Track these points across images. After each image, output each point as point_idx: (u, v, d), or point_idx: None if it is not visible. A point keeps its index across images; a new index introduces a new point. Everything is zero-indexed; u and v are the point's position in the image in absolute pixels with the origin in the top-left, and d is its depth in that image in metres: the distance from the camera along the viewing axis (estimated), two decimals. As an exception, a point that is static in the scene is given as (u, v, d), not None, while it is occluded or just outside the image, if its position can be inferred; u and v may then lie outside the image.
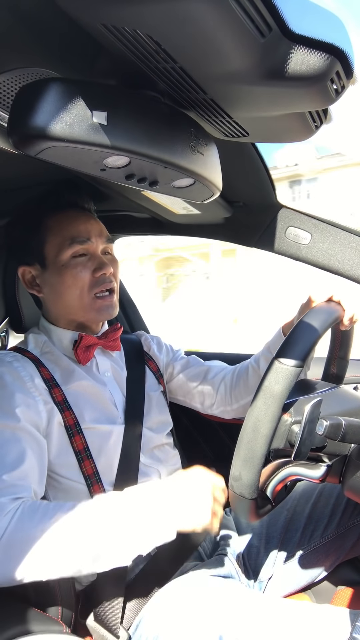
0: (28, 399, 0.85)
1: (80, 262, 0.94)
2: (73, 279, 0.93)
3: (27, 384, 0.87)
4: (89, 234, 0.95)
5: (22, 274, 0.99)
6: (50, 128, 0.48)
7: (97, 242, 0.97)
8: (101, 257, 0.97)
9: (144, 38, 0.47)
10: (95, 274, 0.95)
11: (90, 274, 0.95)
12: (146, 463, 0.99)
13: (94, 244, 0.96)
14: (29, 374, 0.89)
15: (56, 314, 0.99)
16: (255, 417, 0.63)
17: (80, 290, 0.94)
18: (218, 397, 1.14)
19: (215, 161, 0.67)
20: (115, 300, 0.99)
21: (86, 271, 0.94)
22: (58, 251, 0.93)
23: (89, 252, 0.96)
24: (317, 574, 1.01)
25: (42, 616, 0.77)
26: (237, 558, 1.01)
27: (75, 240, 0.93)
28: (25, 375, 0.88)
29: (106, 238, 0.99)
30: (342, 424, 0.62)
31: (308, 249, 1.07)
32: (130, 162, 0.57)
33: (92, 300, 0.95)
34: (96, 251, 0.97)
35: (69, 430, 0.88)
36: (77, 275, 0.93)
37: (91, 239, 0.95)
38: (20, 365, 0.89)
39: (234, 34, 0.45)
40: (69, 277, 0.93)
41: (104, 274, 0.95)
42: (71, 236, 0.94)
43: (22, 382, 0.87)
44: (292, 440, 0.65)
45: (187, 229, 1.29)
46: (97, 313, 0.97)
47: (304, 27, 0.47)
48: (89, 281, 0.94)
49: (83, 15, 0.46)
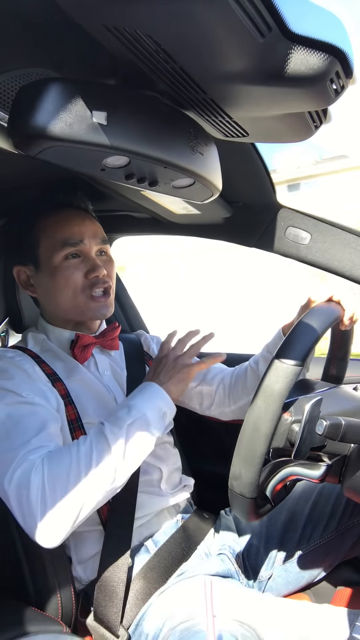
0: (37, 384, 0.86)
1: (72, 264, 0.94)
2: (65, 281, 0.93)
3: (31, 376, 0.88)
4: (82, 236, 0.95)
5: (17, 274, 1.00)
6: (50, 128, 0.48)
7: (91, 244, 0.96)
8: (94, 258, 0.96)
9: (144, 38, 0.47)
10: (88, 275, 0.94)
11: (83, 275, 0.94)
12: (147, 460, 0.99)
13: (87, 246, 0.95)
14: (32, 368, 0.89)
15: (52, 313, 1.00)
16: (256, 416, 0.63)
17: (72, 292, 0.94)
18: (216, 398, 1.14)
19: (215, 161, 0.67)
20: (110, 301, 0.99)
21: (79, 273, 0.94)
22: (51, 253, 0.93)
23: (82, 254, 0.95)
24: (316, 573, 1.01)
25: (42, 616, 0.77)
26: (236, 558, 1.01)
27: (68, 242, 0.93)
28: (29, 367, 0.89)
29: (101, 239, 0.99)
30: (342, 423, 0.62)
31: (308, 249, 1.07)
32: (129, 162, 0.57)
33: (86, 301, 0.95)
34: (89, 253, 0.96)
35: (71, 424, 0.88)
36: (69, 277, 0.93)
37: (84, 240, 0.95)
38: (22, 359, 0.90)
39: (234, 34, 0.45)
40: (61, 279, 0.93)
41: (96, 276, 0.95)
42: (63, 238, 0.93)
43: (26, 374, 0.87)
44: (292, 439, 0.65)
45: (187, 229, 1.29)
46: (91, 314, 0.97)
47: (304, 27, 0.47)
48: (81, 283, 0.94)
49: (83, 15, 0.46)
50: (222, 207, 1.10)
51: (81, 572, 0.92)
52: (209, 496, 1.24)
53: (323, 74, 0.50)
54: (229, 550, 1.01)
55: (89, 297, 0.95)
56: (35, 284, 0.98)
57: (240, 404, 1.12)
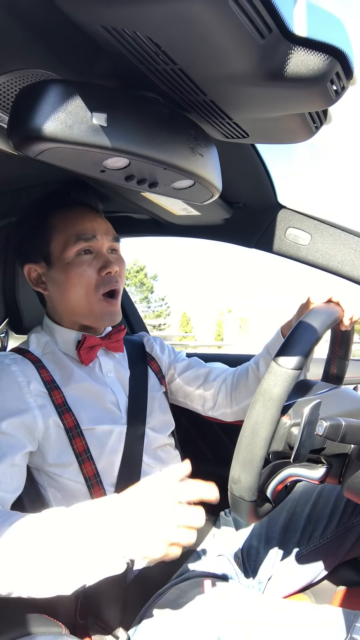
0: (22, 404, 0.85)
1: (85, 260, 0.94)
2: (79, 277, 0.93)
3: (22, 389, 0.87)
4: (94, 232, 0.95)
5: (27, 272, 0.99)
6: (49, 129, 0.48)
7: (103, 240, 0.96)
8: (107, 255, 0.96)
9: (144, 40, 0.47)
10: (101, 272, 0.94)
11: (96, 272, 0.94)
12: (149, 463, 0.99)
13: (99, 242, 0.95)
14: (27, 379, 0.88)
15: (61, 313, 0.99)
16: (254, 420, 0.63)
17: (85, 289, 0.93)
18: (219, 399, 1.14)
19: (215, 162, 0.67)
20: (118, 307, 0.99)
21: (92, 269, 0.94)
22: (63, 248, 0.93)
23: (94, 250, 0.95)
24: (316, 574, 1.01)
25: (41, 617, 0.77)
26: (236, 559, 1.01)
27: (81, 237, 0.93)
28: (22, 380, 0.88)
29: (113, 236, 0.99)
30: (342, 424, 0.62)
31: (308, 249, 1.07)
32: (129, 164, 0.57)
33: (98, 301, 0.94)
34: (102, 249, 0.96)
35: (69, 432, 0.88)
36: (83, 273, 0.93)
37: (97, 236, 0.95)
38: (18, 370, 0.89)
39: (234, 36, 0.45)
40: (74, 275, 0.93)
41: (109, 273, 0.94)
42: (77, 233, 0.93)
43: (18, 387, 0.87)
44: (291, 442, 0.65)
45: (187, 230, 1.29)
46: (101, 318, 0.96)
47: (304, 28, 0.47)
48: (95, 280, 0.94)
49: (82, 16, 0.46)
50: (222, 208, 1.10)
51: (81, 573, 0.91)
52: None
53: (323, 75, 0.50)
54: (229, 552, 1.01)
55: (101, 297, 0.94)
56: (47, 281, 0.98)
57: (242, 405, 1.12)
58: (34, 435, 0.85)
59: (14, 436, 0.82)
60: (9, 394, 0.85)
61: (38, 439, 0.86)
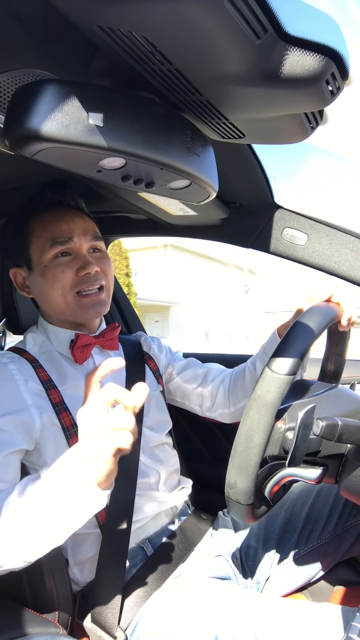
0: (19, 403, 0.85)
1: (63, 262, 0.93)
2: (54, 279, 0.92)
3: (20, 388, 0.87)
4: (71, 234, 0.93)
5: (13, 276, 0.99)
6: (46, 129, 0.48)
7: (81, 241, 0.95)
8: (85, 255, 0.95)
9: (140, 40, 0.47)
10: (79, 273, 0.93)
11: (74, 273, 0.93)
12: (146, 462, 0.99)
13: (77, 244, 0.94)
14: (24, 378, 0.88)
15: (49, 313, 0.99)
16: (249, 426, 0.63)
17: (62, 290, 0.92)
18: (217, 400, 1.14)
19: (211, 162, 0.67)
20: (104, 298, 0.97)
21: (69, 270, 0.93)
22: (41, 253, 0.93)
23: (72, 252, 0.94)
24: (314, 574, 1.01)
25: (38, 618, 0.77)
26: (234, 559, 1.01)
27: (56, 241, 0.92)
28: (20, 379, 0.88)
29: (92, 236, 0.97)
30: (339, 424, 0.62)
31: (304, 249, 1.07)
32: (126, 164, 0.57)
33: (76, 299, 0.93)
34: (80, 250, 0.95)
35: (67, 431, 0.88)
36: (58, 275, 0.92)
37: (73, 238, 0.94)
38: (15, 368, 0.89)
39: (229, 36, 0.45)
40: (50, 277, 0.92)
41: (87, 274, 0.93)
42: (52, 237, 0.92)
43: (15, 386, 0.87)
44: (286, 447, 0.65)
45: (184, 230, 1.29)
46: (84, 311, 0.95)
47: (299, 29, 0.47)
48: (71, 280, 0.93)
49: (79, 16, 0.46)
50: (218, 208, 1.10)
51: (78, 574, 0.92)
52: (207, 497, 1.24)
53: (319, 75, 0.50)
54: (227, 552, 1.01)
55: (78, 295, 0.93)
56: (30, 285, 0.98)
57: (239, 406, 1.12)
58: (31, 434, 0.85)
59: (11, 433, 0.82)
60: (7, 393, 0.85)
61: (35, 437, 0.86)
